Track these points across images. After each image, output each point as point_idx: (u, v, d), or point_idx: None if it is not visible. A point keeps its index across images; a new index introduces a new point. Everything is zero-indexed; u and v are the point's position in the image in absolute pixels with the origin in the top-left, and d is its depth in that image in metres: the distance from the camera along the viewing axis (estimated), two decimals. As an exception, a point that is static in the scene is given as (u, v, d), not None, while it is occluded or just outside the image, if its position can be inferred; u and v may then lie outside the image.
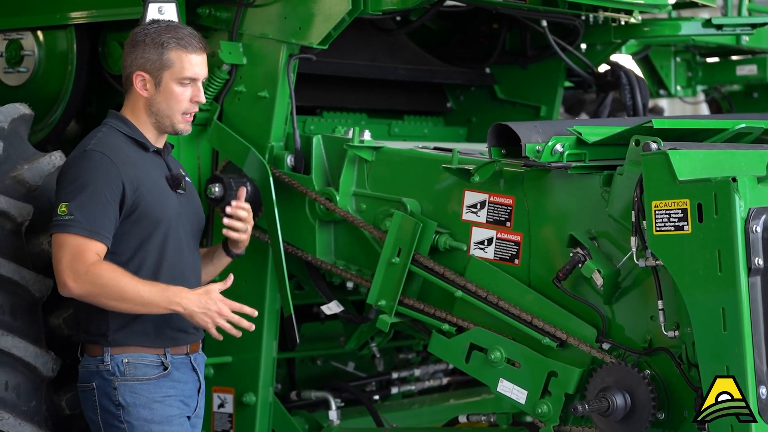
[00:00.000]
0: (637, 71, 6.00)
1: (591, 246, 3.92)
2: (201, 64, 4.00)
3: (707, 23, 5.57)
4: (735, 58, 6.68)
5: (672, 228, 3.61)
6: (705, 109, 8.04)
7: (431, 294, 4.37)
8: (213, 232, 4.70)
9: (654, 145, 3.68)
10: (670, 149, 3.65)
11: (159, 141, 4.04)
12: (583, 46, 5.61)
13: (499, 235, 4.20)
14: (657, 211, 3.64)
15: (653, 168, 3.64)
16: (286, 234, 4.60)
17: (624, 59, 6.08)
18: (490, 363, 4.13)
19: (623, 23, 5.37)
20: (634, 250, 3.76)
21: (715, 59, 6.73)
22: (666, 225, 3.62)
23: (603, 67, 5.70)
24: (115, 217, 3.82)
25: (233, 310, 3.86)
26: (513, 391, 4.09)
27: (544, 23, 5.25)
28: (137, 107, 3.99)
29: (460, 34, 5.88)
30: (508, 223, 4.18)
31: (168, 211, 3.94)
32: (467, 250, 4.28)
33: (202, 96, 4.01)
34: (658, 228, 3.64)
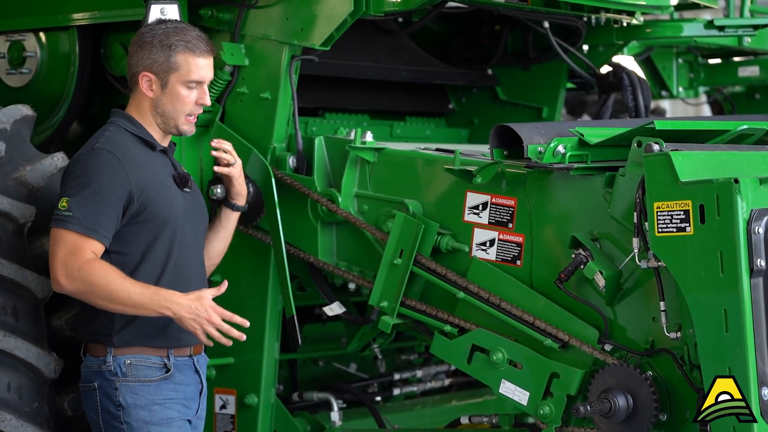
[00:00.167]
0: (639, 72, 6.00)
1: (593, 247, 3.92)
2: (207, 67, 4.01)
3: (709, 24, 5.57)
4: (737, 59, 6.69)
5: (674, 229, 3.61)
6: (707, 111, 8.05)
7: (433, 295, 4.37)
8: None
9: (656, 147, 3.68)
10: (672, 150, 3.64)
11: (164, 140, 4.05)
12: (585, 47, 5.60)
13: (501, 237, 4.20)
14: (659, 213, 3.64)
15: (655, 169, 3.64)
16: (288, 235, 4.60)
17: (626, 60, 6.09)
18: (492, 364, 4.13)
19: (625, 24, 5.38)
20: (636, 251, 3.76)
21: (717, 60, 6.73)
22: (668, 226, 3.62)
23: (605, 69, 5.70)
24: (117, 218, 3.82)
25: (224, 318, 3.82)
26: (515, 393, 4.09)
27: (546, 24, 5.25)
28: (143, 107, 3.99)
29: (462, 35, 5.88)
30: (510, 225, 4.18)
31: (174, 211, 3.94)
32: (469, 251, 4.28)
33: (207, 99, 4.02)
34: (660, 229, 3.64)
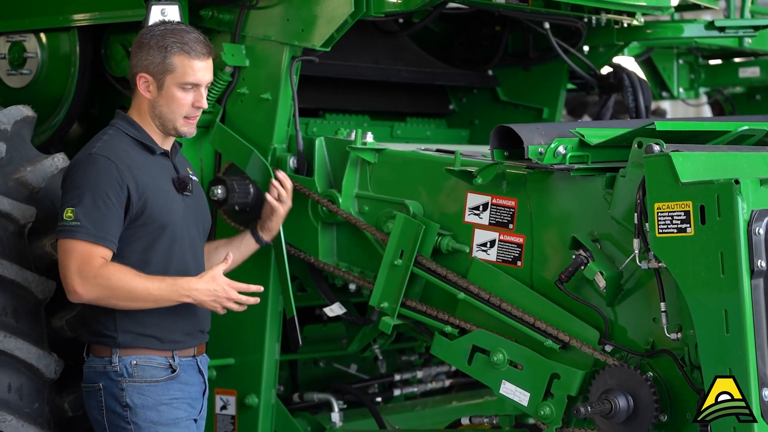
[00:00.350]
0: (640, 73, 6.00)
1: (593, 248, 3.92)
2: (204, 69, 3.98)
3: (710, 25, 5.57)
4: (737, 60, 6.69)
5: (674, 230, 3.61)
6: (707, 111, 8.05)
7: (434, 296, 4.37)
8: (216, 233, 4.70)
9: (656, 147, 3.68)
10: (672, 151, 3.64)
11: (166, 142, 4.03)
12: (586, 48, 5.61)
13: (502, 237, 4.20)
14: (659, 213, 3.64)
15: (656, 170, 3.64)
16: (288, 236, 4.61)
17: (626, 61, 6.09)
18: (492, 365, 4.13)
19: (626, 25, 5.38)
20: (636, 252, 3.76)
21: (718, 61, 6.73)
22: (668, 227, 3.62)
23: (605, 69, 5.70)
24: (121, 223, 3.82)
25: (239, 290, 3.92)
26: (515, 393, 4.09)
27: (546, 25, 5.25)
28: (142, 109, 3.99)
29: (462, 36, 5.88)
30: (510, 225, 4.18)
31: (173, 215, 3.93)
32: (470, 252, 4.28)
33: (203, 102, 3.99)
34: (660, 230, 3.64)
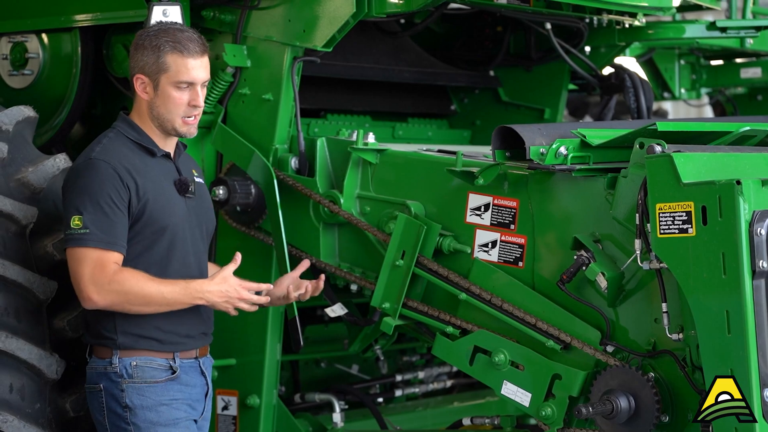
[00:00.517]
0: (641, 74, 6.00)
1: (595, 248, 3.92)
2: (199, 67, 3.94)
3: (711, 26, 5.57)
4: (739, 60, 6.68)
5: (676, 230, 3.61)
6: (709, 112, 8.05)
7: (435, 296, 4.37)
8: (217, 234, 4.70)
9: (658, 148, 3.68)
10: (674, 152, 3.65)
11: (168, 144, 4.01)
12: (587, 48, 5.61)
13: (503, 238, 4.20)
14: (661, 214, 3.64)
15: (657, 171, 3.64)
16: (290, 236, 4.61)
17: (628, 62, 6.09)
18: (494, 365, 4.13)
19: (627, 26, 5.38)
20: (638, 252, 3.76)
21: (720, 62, 6.73)
22: (670, 227, 3.62)
23: (607, 70, 5.70)
24: (126, 225, 3.83)
25: (250, 290, 3.95)
26: (517, 394, 4.09)
27: (548, 26, 5.25)
28: (142, 110, 3.98)
29: (464, 36, 5.88)
30: (512, 226, 4.18)
31: (174, 217, 3.93)
32: (471, 252, 4.28)
33: (200, 100, 3.95)
34: (662, 230, 3.64)
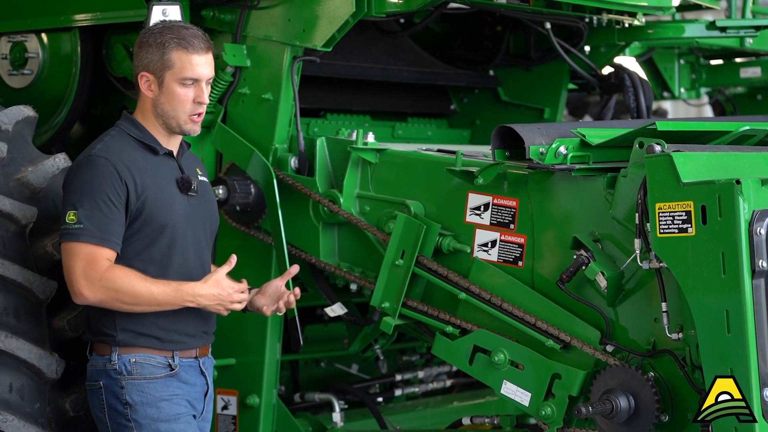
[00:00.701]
0: (641, 73, 6.00)
1: (595, 248, 3.92)
2: (204, 64, 3.96)
3: (711, 25, 5.57)
4: (739, 60, 6.69)
5: (676, 230, 3.61)
6: (709, 112, 8.05)
7: (435, 296, 4.37)
8: (217, 234, 4.70)
9: (658, 148, 3.69)
10: (673, 151, 3.65)
11: (171, 142, 4.01)
12: (587, 48, 5.61)
13: (503, 237, 4.20)
14: (661, 213, 3.64)
15: (657, 170, 3.64)
16: (289, 236, 4.61)
17: (628, 61, 6.09)
18: (493, 365, 4.13)
19: (627, 25, 5.38)
20: (637, 252, 3.76)
21: (719, 61, 6.73)
22: (670, 227, 3.62)
23: (607, 70, 5.70)
24: (123, 223, 3.83)
25: (242, 291, 3.97)
26: (516, 394, 4.09)
27: (547, 25, 5.25)
28: (146, 109, 3.98)
29: (463, 36, 5.88)
30: (511, 226, 4.18)
31: (174, 216, 3.93)
32: (471, 252, 4.28)
33: (204, 96, 3.96)
34: (661, 230, 3.64)
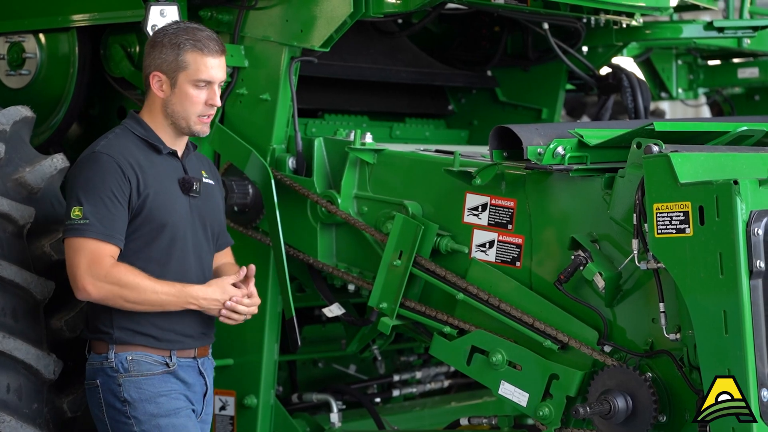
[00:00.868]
0: (639, 74, 6.01)
1: (592, 248, 3.92)
2: (217, 67, 3.96)
3: (709, 26, 5.57)
4: (736, 60, 6.69)
5: (673, 230, 3.61)
6: (706, 112, 8.06)
7: (433, 296, 4.37)
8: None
9: (655, 148, 3.69)
10: (671, 152, 3.65)
11: (177, 143, 4.01)
12: (585, 48, 5.61)
13: (501, 238, 4.20)
14: (658, 214, 3.64)
15: (655, 170, 3.64)
16: (287, 236, 4.61)
17: (625, 62, 6.09)
18: (491, 365, 4.14)
19: (625, 26, 5.38)
20: (635, 252, 3.76)
21: (717, 62, 6.74)
22: (667, 227, 3.62)
23: (604, 70, 5.70)
24: (126, 219, 3.84)
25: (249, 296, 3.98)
26: (514, 394, 4.09)
27: (545, 26, 5.25)
28: (154, 108, 3.97)
29: (461, 36, 5.88)
30: (509, 226, 4.18)
31: (174, 216, 3.92)
32: (469, 252, 4.28)
33: (217, 99, 3.97)
34: (659, 230, 3.64)
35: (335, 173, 4.62)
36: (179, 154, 4.02)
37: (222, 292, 3.92)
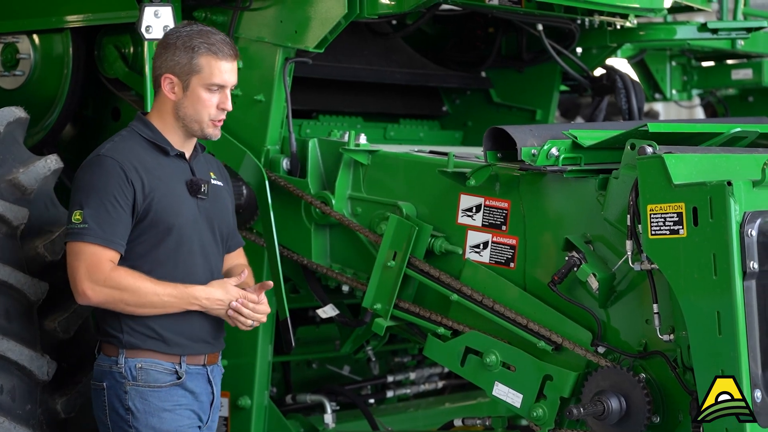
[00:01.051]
0: (633, 75, 6.01)
1: (586, 249, 3.93)
2: (231, 71, 3.93)
3: (703, 27, 5.58)
4: (730, 62, 6.70)
5: (667, 231, 3.62)
6: (700, 113, 8.06)
7: (427, 297, 4.37)
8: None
9: (649, 149, 3.69)
10: (665, 153, 3.65)
11: (186, 145, 3.97)
12: (579, 49, 5.61)
13: (495, 239, 4.21)
14: (652, 215, 3.64)
15: (649, 172, 3.65)
16: (281, 237, 4.60)
17: (619, 63, 6.10)
18: (485, 366, 4.14)
19: (619, 27, 5.39)
20: (629, 253, 3.76)
21: (711, 63, 6.75)
22: (661, 229, 3.63)
23: (598, 71, 5.71)
24: (128, 224, 3.80)
25: (249, 299, 3.94)
26: (508, 395, 4.09)
27: (539, 27, 5.26)
28: (164, 110, 3.94)
29: (456, 37, 5.88)
30: (503, 227, 4.18)
31: (181, 218, 3.88)
32: (463, 253, 4.28)
33: (229, 104, 3.94)
34: (653, 232, 3.64)
35: (329, 174, 4.62)
36: (187, 155, 3.98)
37: (224, 291, 3.89)
